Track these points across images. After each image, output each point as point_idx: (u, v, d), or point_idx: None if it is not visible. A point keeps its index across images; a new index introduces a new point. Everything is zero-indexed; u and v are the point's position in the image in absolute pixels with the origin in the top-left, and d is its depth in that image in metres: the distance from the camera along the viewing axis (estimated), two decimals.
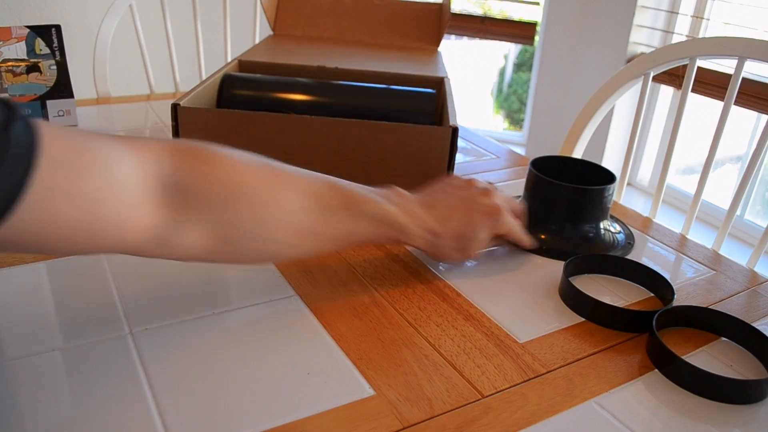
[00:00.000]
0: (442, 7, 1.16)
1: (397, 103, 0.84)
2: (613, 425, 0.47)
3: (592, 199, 0.69)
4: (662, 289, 0.63)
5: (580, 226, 0.70)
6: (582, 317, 0.59)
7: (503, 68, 3.39)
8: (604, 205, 0.70)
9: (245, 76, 0.86)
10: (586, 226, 0.70)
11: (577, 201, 0.70)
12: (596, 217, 0.70)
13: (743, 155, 2.33)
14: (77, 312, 0.55)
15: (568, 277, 0.62)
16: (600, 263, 0.67)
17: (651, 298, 0.64)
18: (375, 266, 0.66)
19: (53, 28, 0.96)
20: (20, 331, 0.52)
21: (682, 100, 0.97)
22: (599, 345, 0.56)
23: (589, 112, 1.07)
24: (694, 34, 2.23)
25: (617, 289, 0.65)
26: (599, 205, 0.70)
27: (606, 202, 0.70)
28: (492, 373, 0.51)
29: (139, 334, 0.52)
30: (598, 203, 0.70)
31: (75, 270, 0.60)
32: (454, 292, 0.63)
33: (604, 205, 0.70)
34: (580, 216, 0.70)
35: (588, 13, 2.38)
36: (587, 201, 0.69)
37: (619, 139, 2.40)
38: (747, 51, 0.91)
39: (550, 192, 0.70)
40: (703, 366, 0.51)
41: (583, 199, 0.69)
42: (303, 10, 1.17)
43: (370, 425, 0.45)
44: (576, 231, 0.70)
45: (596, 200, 0.69)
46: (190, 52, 1.47)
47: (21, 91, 0.95)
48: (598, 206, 0.70)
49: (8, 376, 0.47)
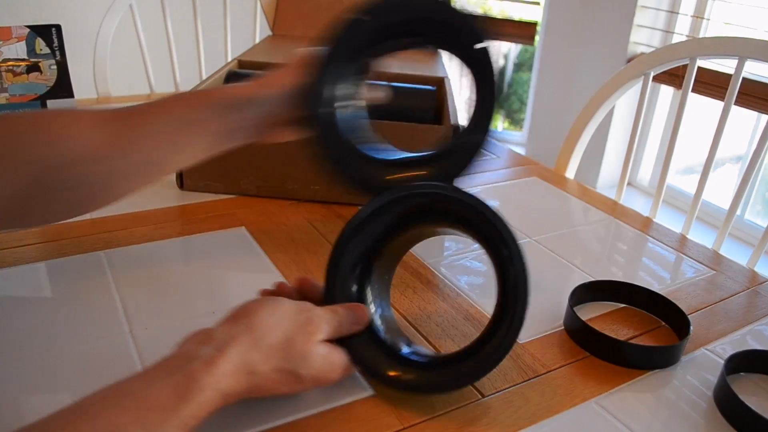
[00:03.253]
0: None
1: (399, 99, 0.84)
2: (613, 425, 0.47)
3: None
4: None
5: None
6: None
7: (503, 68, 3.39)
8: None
9: (250, 73, 0.86)
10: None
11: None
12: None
13: (743, 155, 2.33)
14: (77, 312, 0.55)
15: (573, 307, 0.58)
16: (604, 289, 0.63)
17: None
18: None
19: (53, 28, 0.96)
20: (20, 331, 0.52)
21: (682, 100, 0.97)
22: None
23: (589, 112, 1.07)
24: (694, 34, 2.23)
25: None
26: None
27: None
28: (492, 373, 0.51)
29: (139, 334, 0.52)
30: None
31: (75, 270, 0.60)
32: (454, 292, 0.63)
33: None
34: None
35: (588, 13, 2.38)
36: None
37: (619, 139, 2.40)
38: (747, 51, 0.91)
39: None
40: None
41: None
42: (302, 10, 1.17)
43: (370, 425, 0.45)
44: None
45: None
46: (190, 52, 1.46)
47: (21, 91, 0.95)
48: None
49: (9, 376, 0.47)
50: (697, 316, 0.62)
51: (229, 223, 0.73)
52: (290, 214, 0.76)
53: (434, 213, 0.51)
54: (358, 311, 0.49)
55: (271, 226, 0.73)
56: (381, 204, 0.51)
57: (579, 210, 0.85)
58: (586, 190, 0.92)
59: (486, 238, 0.49)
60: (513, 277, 0.47)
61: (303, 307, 0.46)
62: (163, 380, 0.38)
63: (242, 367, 0.41)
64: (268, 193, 0.80)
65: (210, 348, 0.41)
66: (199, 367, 0.39)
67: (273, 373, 0.42)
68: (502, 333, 0.47)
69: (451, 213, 0.51)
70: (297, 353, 0.43)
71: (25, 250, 0.64)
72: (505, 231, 0.48)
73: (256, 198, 0.79)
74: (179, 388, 0.38)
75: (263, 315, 0.43)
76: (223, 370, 0.40)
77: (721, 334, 0.59)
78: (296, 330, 0.44)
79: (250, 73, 0.86)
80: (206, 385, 0.39)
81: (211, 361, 0.40)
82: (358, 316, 0.48)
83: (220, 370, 0.40)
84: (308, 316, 0.45)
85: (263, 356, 0.42)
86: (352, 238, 0.51)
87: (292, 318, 0.44)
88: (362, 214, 0.51)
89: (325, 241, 0.70)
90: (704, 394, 0.51)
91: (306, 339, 0.44)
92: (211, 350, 0.40)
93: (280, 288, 0.51)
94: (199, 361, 0.39)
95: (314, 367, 0.44)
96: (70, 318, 0.54)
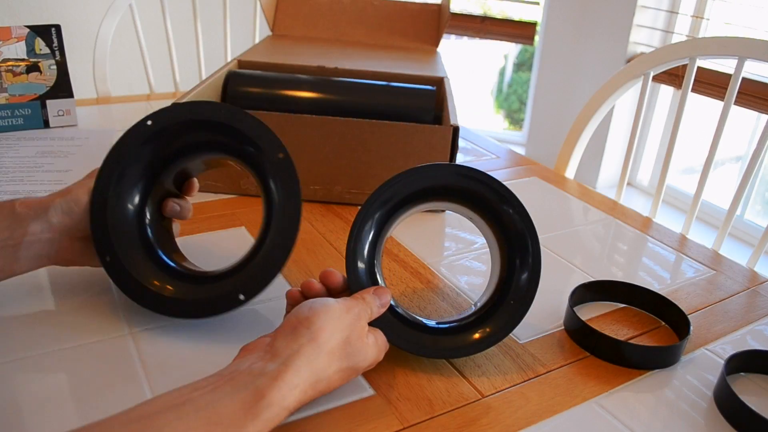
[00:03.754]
0: (441, 8, 1.16)
1: (399, 99, 0.84)
2: (613, 425, 0.47)
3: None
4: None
5: None
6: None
7: (503, 68, 3.39)
8: None
9: (250, 73, 0.87)
10: None
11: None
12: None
13: (743, 155, 2.33)
14: (77, 312, 0.55)
15: (573, 307, 0.59)
16: (604, 289, 0.63)
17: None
18: None
19: (53, 28, 0.96)
20: (20, 331, 0.52)
21: (682, 100, 0.97)
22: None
23: (589, 112, 1.07)
24: (694, 34, 2.23)
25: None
26: None
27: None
28: (492, 373, 0.51)
29: (139, 334, 0.52)
30: None
31: (75, 270, 0.60)
32: (454, 292, 0.63)
33: None
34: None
35: (588, 13, 2.38)
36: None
37: (619, 139, 2.40)
38: (747, 51, 0.91)
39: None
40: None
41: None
42: (302, 11, 1.17)
43: (370, 425, 0.45)
44: None
45: None
46: (190, 52, 1.46)
47: (21, 91, 0.95)
48: None
49: (8, 376, 0.47)
50: (697, 316, 0.62)
51: (229, 223, 0.73)
52: None
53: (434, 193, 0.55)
54: (383, 294, 0.50)
55: None
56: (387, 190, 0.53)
57: (579, 210, 0.85)
58: (586, 190, 0.92)
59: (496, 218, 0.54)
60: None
61: (347, 304, 0.47)
62: (231, 396, 0.38)
63: (310, 377, 0.41)
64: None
65: (276, 364, 0.41)
66: (268, 384, 0.39)
67: (335, 374, 0.44)
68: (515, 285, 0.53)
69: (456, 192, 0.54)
70: (354, 350, 0.45)
71: None
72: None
73: (256, 198, 0.79)
74: (247, 405, 0.38)
75: (322, 322, 0.44)
76: (290, 385, 0.40)
77: (721, 334, 0.59)
78: (350, 329, 0.45)
79: (250, 73, 0.86)
80: (273, 402, 0.39)
81: (278, 376, 0.40)
82: (382, 299, 0.50)
83: (288, 386, 0.40)
84: (356, 312, 0.47)
85: (327, 362, 0.43)
86: (364, 226, 0.53)
87: (344, 318, 0.45)
88: (373, 200, 0.53)
89: (325, 241, 0.70)
90: (704, 394, 0.51)
91: (359, 334, 0.46)
92: (278, 366, 0.40)
93: (310, 287, 0.50)
94: (266, 378, 0.39)
95: (369, 358, 0.46)
96: (70, 318, 0.54)
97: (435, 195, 0.55)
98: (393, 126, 0.74)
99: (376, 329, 0.49)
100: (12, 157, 0.85)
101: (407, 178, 0.54)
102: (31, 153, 0.87)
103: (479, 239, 0.74)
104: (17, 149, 0.88)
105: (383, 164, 0.76)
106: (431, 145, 0.74)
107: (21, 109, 0.95)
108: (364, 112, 0.80)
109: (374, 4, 1.16)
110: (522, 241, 0.53)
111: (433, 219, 0.78)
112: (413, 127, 0.74)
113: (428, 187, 0.54)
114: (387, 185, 0.53)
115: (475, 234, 0.75)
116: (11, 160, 0.84)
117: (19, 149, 0.88)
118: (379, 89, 0.85)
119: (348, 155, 0.76)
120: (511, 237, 0.54)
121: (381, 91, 0.85)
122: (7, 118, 0.94)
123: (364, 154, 0.76)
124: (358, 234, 0.53)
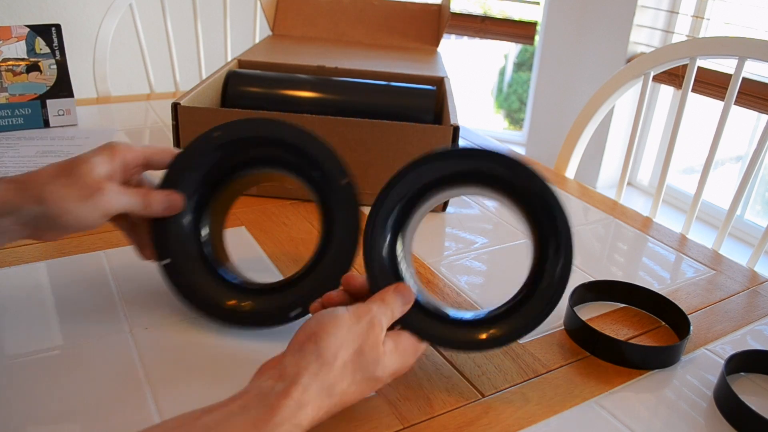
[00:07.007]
0: (441, 8, 1.16)
1: (399, 99, 0.84)
2: (613, 425, 0.47)
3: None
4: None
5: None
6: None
7: (503, 68, 3.39)
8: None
9: (251, 72, 0.87)
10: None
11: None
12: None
13: (743, 155, 2.33)
14: (77, 312, 0.55)
15: (573, 307, 0.58)
16: (604, 289, 0.63)
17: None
18: None
19: (53, 28, 0.96)
20: (20, 331, 0.52)
21: (682, 100, 0.97)
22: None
23: (589, 112, 1.07)
24: (694, 34, 2.22)
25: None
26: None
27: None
28: (492, 373, 0.51)
29: (139, 334, 0.52)
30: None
31: (75, 270, 0.60)
32: (454, 292, 0.63)
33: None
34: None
35: (588, 13, 2.38)
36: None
37: (619, 139, 2.40)
38: (747, 51, 0.91)
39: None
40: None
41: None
42: (302, 11, 1.17)
43: (370, 425, 0.45)
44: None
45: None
46: (190, 52, 1.46)
47: (21, 91, 0.95)
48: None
49: (8, 376, 0.47)
50: (697, 316, 0.62)
51: (229, 223, 0.72)
52: (290, 214, 0.76)
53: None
54: (405, 292, 0.48)
55: (271, 226, 0.73)
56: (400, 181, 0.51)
57: (579, 210, 0.85)
58: (586, 190, 0.92)
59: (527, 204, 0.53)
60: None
61: (359, 311, 0.45)
62: (241, 415, 0.38)
63: (320, 394, 0.41)
64: (268, 193, 0.80)
65: (284, 383, 0.40)
66: (276, 402, 0.39)
67: (351, 386, 0.42)
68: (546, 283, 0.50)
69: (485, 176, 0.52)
70: (369, 361, 0.43)
71: (25, 249, 0.64)
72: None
73: (256, 198, 0.79)
74: (257, 424, 0.37)
75: (327, 336, 0.42)
76: (300, 403, 0.39)
77: (721, 334, 0.59)
78: (362, 339, 0.43)
79: (250, 73, 0.86)
80: (284, 420, 0.38)
81: (286, 394, 0.39)
82: (405, 297, 0.48)
83: (297, 404, 0.39)
84: (368, 319, 0.44)
85: (338, 376, 0.42)
86: (379, 217, 0.50)
87: (354, 329, 0.43)
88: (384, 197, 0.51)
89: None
90: (704, 394, 0.51)
91: (373, 344, 0.44)
92: (286, 385, 0.40)
93: (330, 300, 0.49)
94: (274, 396, 0.39)
95: (389, 365, 0.44)
96: (70, 318, 0.54)
97: (466, 180, 0.51)
98: (393, 126, 0.74)
99: (401, 332, 0.46)
100: (12, 156, 0.85)
101: (431, 163, 0.50)
102: (31, 153, 0.87)
103: (479, 239, 0.74)
104: (17, 149, 0.88)
105: (383, 164, 0.76)
106: (431, 145, 0.74)
107: (21, 108, 0.95)
108: (364, 112, 0.80)
109: (374, 4, 1.16)
110: (554, 230, 0.51)
111: (433, 219, 0.78)
112: (413, 127, 0.74)
113: (457, 172, 0.51)
114: (401, 174, 0.50)
115: (476, 234, 0.75)
116: (11, 160, 0.84)
117: (19, 149, 0.88)
118: (379, 89, 0.85)
119: (348, 155, 0.76)
120: (544, 227, 0.51)
121: (381, 91, 0.85)
122: (7, 117, 0.94)
123: (364, 154, 0.76)
124: (374, 229, 0.50)
